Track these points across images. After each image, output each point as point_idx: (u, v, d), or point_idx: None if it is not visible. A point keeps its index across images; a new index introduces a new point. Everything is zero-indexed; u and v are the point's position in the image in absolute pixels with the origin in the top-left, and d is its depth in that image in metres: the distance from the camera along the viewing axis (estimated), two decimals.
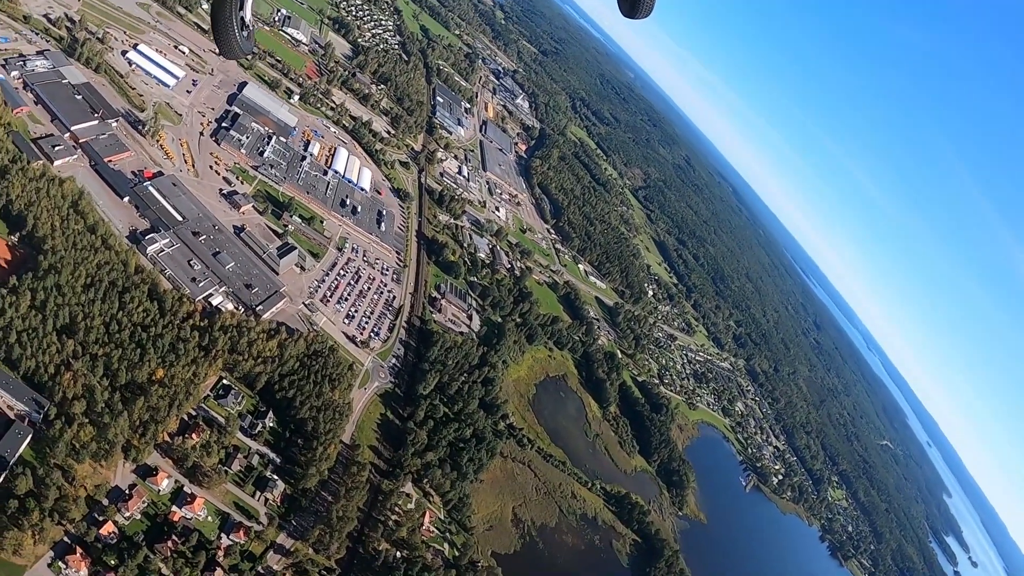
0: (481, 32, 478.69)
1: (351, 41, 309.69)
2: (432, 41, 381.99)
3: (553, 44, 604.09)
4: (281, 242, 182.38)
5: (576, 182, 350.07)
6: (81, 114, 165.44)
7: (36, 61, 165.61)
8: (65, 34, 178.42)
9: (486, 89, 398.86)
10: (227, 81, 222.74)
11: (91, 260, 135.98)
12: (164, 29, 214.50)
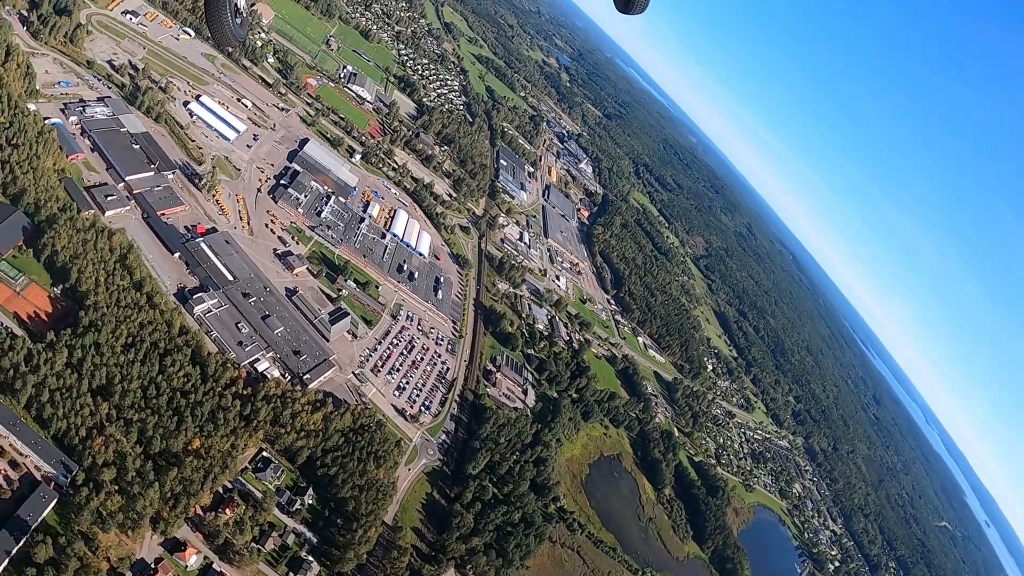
0: (546, 94, 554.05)
1: (416, 100, 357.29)
2: (497, 102, 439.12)
3: (617, 107, 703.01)
4: (334, 307, 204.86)
5: (638, 251, 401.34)
6: (137, 164, 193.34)
7: (96, 108, 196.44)
8: (127, 82, 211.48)
9: (550, 153, 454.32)
10: (288, 137, 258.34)
11: (134, 319, 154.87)
12: (228, 81, 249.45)
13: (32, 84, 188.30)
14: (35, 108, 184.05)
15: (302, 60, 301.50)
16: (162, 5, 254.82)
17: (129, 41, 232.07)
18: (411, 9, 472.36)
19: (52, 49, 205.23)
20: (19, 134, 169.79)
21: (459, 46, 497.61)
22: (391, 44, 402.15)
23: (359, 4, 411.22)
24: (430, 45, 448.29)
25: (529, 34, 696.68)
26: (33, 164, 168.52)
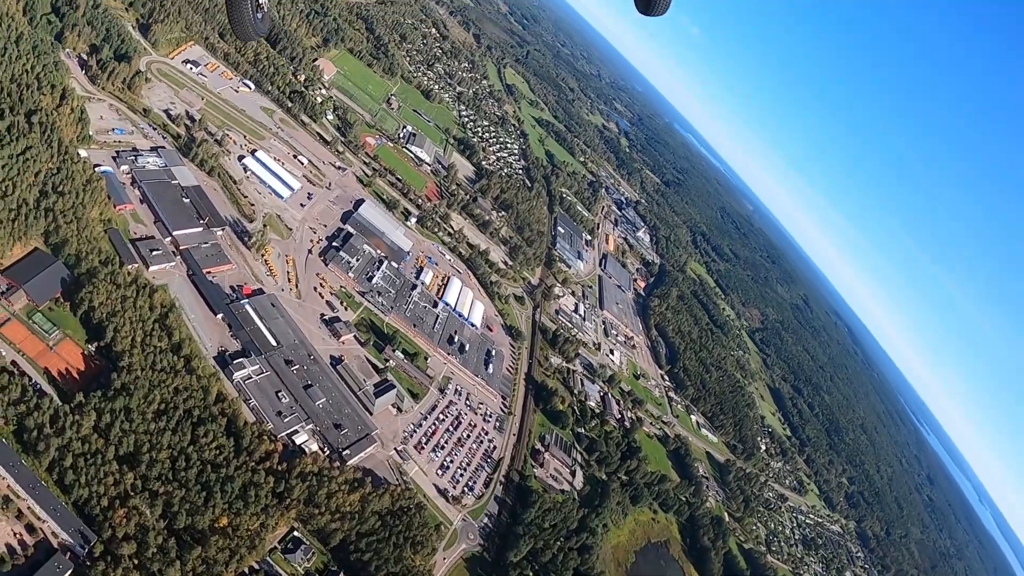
0: (605, 160, 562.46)
1: (475, 163, 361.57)
2: (557, 168, 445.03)
3: (676, 174, 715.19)
4: (380, 379, 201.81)
5: (694, 324, 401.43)
6: (186, 219, 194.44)
7: (148, 157, 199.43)
8: (183, 132, 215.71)
9: (608, 220, 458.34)
10: (344, 197, 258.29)
11: (169, 384, 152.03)
12: (285, 137, 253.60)
13: (85, 130, 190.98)
14: (86, 155, 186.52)
15: (362, 118, 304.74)
16: (223, 56, 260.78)
17: (188, 91, 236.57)
18: (474, 70, 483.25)
19: (109, 95, 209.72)
20: (66, 181, 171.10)
21: (520, 108, 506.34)
22: (452, 105, 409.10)
23: (422, 63, 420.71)
24: (491, 107, 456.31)
25: (589, 98, 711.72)
26: (78, 213, 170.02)
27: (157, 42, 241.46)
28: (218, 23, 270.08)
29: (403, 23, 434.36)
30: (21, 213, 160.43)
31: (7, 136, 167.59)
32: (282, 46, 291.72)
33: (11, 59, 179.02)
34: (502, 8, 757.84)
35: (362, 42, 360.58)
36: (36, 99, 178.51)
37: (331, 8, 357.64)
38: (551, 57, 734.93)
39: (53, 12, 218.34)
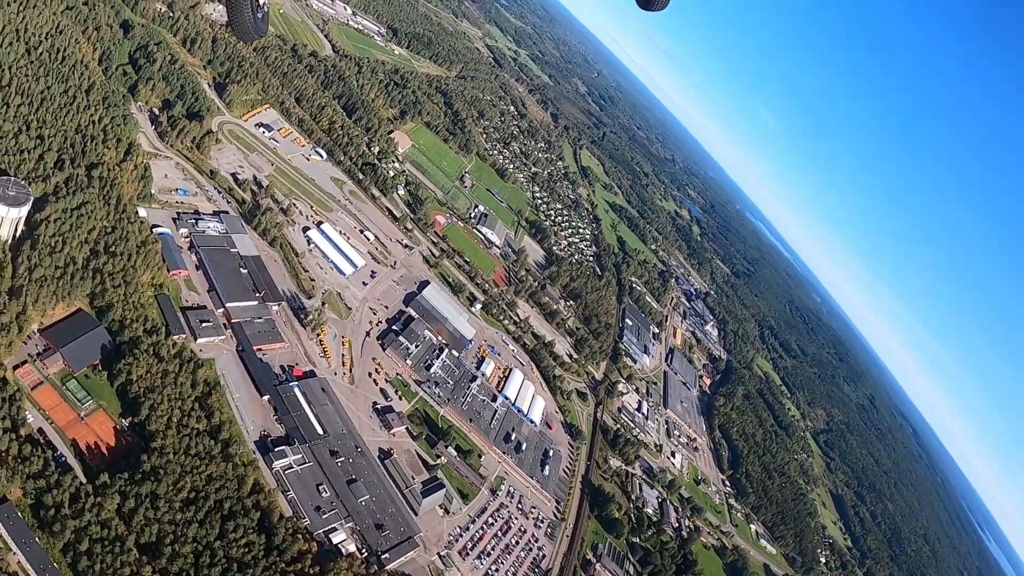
0: (676, 248, 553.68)
1: (546, 248, 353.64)
2: (628, 255, 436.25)
3: (746, 264, 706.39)
4: (429, 476, 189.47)
5: (758, 425, 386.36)
6: (241, 290, 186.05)
7: (210, 222, 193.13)
8: (248, 198, 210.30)
9: (676, 312, 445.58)
10: (408, 277, 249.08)
11: (202, 471, 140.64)
12: (353, 210, 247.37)
13: (147, 188, 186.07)
14: (145, 214, 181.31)
15: (433, 195, 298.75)
16: (298, 122, 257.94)
17: (258, 155, 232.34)
18: (550, 150, 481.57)
19: (177, 153, 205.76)
20: (120, 241, 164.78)
21: (594, 192, 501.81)
22: (526, 186, 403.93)
23: (498, 141, 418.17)
24: (565, 189, 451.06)
25: (663, 183, 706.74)
26: (128, 276, 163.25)
27: (232, 103, 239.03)
28: (295, 87, 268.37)
29: (482, 99, 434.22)
30: (68, 272, 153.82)
31: (64, 189, 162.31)
32: (358, 116, 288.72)
33: (79, 108, 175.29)
34: (580, 88, 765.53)
35: (439, 116, 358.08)
36: (100, 152, 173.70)
37: (411, 80, 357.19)
38: (627, 140, 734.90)
39: (130, 63, 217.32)
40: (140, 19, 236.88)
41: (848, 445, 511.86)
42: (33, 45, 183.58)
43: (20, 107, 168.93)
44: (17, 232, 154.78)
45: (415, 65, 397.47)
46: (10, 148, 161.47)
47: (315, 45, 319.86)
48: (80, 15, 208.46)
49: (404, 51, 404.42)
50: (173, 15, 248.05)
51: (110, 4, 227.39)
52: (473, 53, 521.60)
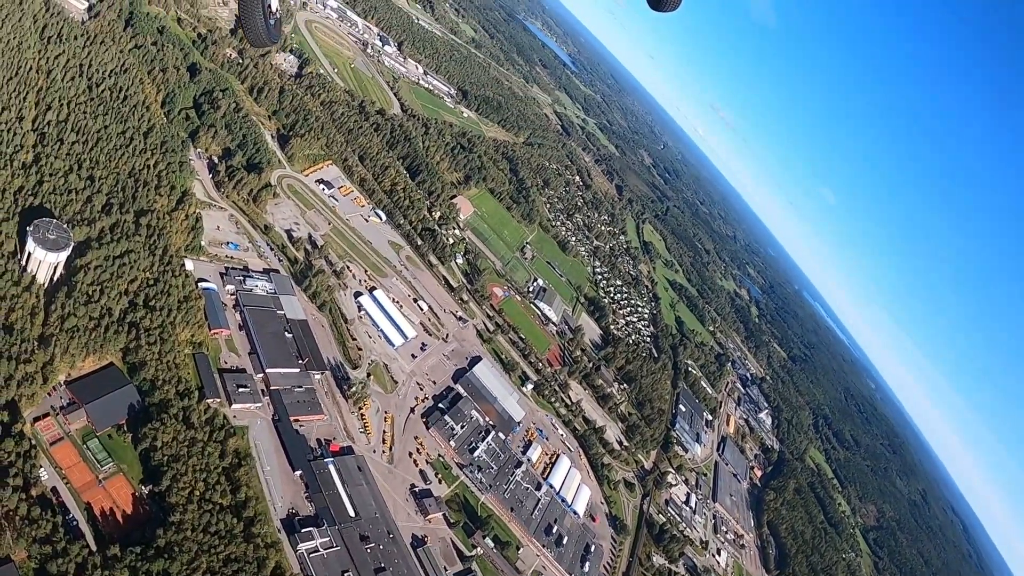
0: (734, 330, 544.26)
1: (603, 327, 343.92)
2: (685, 337, 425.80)
3: (803, 349, 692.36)
4: (463, 568, 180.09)
5: (808, 522, 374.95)
6: (284, 356, 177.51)
7: (258, 280, 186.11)
8: (301, 257, 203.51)
9: (731, 398, 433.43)
10: (460, 352, 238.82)
11: (220, 551, 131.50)
12: (408, 277, 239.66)
13: (197, 239, 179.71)
14: (191, 267, 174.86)
15: (492, 266, 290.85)
16: (360, 181, 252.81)
17: (315, 213, 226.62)
18: (612, 223, 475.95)
19: (232, 205, 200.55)
20: (162, 295, 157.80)
21: (655, 269, 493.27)
22: (587, 260, 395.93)
23: (561, 212, 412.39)
24: (626, 265, 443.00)
25: (724, 261, 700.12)
26: (166, 333, 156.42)
27: (293, 157, 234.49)
28: (360, 145, 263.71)
29: (548, 168, 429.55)
30: (103, 324, 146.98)
31: (108, 235, 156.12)
32: (422, 178, 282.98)
33: (135, 151, 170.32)
34: (646, 160, 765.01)
35: (504, 184, 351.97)
36: (151, 199, 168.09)
37: (478, 144, 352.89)
38: (690, 215, 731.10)
39: (194, 108, 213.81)
40: (209, 63, 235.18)
41: (898, 543, 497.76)
42: (96, 82, 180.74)
43: (74, 144, 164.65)
44: (55, 276, 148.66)
45: (483, 129, 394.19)
46: (58, 187, 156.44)
47: (383, 103, 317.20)
48: (147, 55, 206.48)
49: (473, 114, 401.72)
50: (242, 62, 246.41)
51: (179, 46, 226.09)
52: (542, 120, 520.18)
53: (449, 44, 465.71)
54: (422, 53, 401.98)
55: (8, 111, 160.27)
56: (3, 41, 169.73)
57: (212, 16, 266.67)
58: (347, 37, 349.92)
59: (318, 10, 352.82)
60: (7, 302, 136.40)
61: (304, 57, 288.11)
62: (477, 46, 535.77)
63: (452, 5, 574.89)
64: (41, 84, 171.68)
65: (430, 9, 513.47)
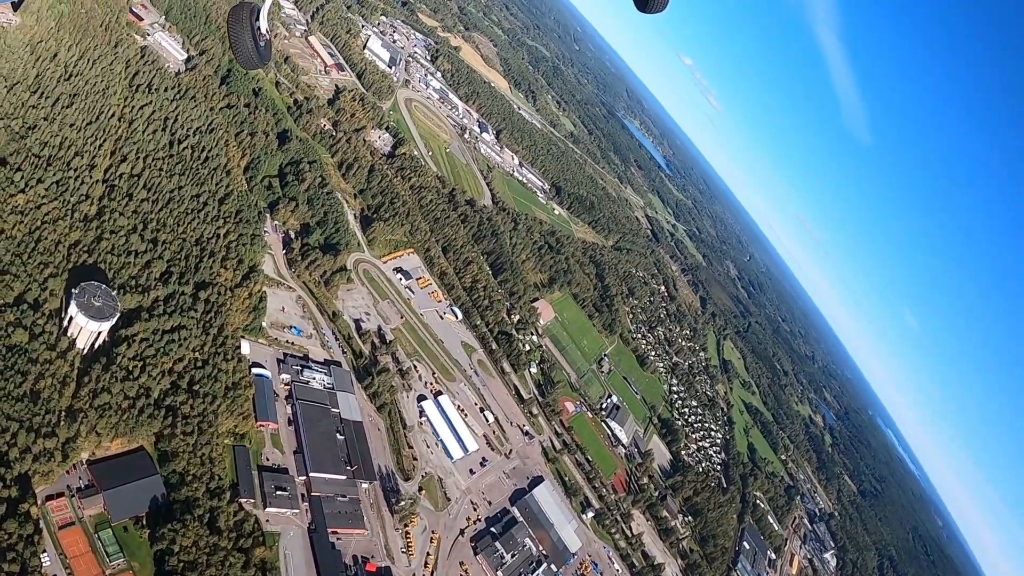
0: (806, 460, 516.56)
1: (674, 452, 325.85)
2: (756, 466, 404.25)
3: (874, 482, 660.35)
4: None
5: None
6: (332, 460, 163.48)
7: (317, 373, 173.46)
8: (367, 351, 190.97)
9: (797, 535, 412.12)
10: (521, 470, 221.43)
11: None
12: (477, 383, 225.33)
13: (258, 320, 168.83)
14: (247, 351, 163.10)
15: (567, 378, 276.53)
16: (439, 274, 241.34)
17: (389, 304, 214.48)
18: (694, 339, 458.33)
19: (301, 286, 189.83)
20: (209, 379, 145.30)
21: (731, 390, 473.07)
22: (665, 377, 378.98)
23: (643, 323, 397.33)
24: (703, 384, 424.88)
25: (801, 384, 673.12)
26: (206, 422, 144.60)
27: (374, 241, 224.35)
28: (445, 236, 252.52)
29: (634, 275, 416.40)
30: (138, 404, 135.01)
31: (161, 306, 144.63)
32: (504, 277, 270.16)
33: (206, 218, 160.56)
34: (731, 271, 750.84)
35: (589, 289, 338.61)
36: (215, 271, 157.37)
37: (566, 245, 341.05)
38: (771, 332, 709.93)
39: (278, 176, 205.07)
40: (300, 132, 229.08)
41: None
42: (179, 138, 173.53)
43: (143, 202, 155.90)
44: (96, 343, 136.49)
45: (573, 229, 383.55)
46: (117, 247, 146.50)
47: (475, 192, 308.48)
48: (238, 116, 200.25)
49: (564, 212, 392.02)
50: (335, 135, 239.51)
51: (272, 111, 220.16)
52: (632, 223, 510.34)
53: (547, 137, 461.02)
54: (519, 144, 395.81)
55: (80, 157, 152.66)
56: (89, 83, 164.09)
57: (312, 84, 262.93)
58: (446, 120, 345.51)
59: (420, 89, 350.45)
60: (38, 366, 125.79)
61: (400, 136, 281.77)
62: (575, 141, 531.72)
63: (554, 97, 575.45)
64: (121, 133, 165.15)
65: (532, 99, 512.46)
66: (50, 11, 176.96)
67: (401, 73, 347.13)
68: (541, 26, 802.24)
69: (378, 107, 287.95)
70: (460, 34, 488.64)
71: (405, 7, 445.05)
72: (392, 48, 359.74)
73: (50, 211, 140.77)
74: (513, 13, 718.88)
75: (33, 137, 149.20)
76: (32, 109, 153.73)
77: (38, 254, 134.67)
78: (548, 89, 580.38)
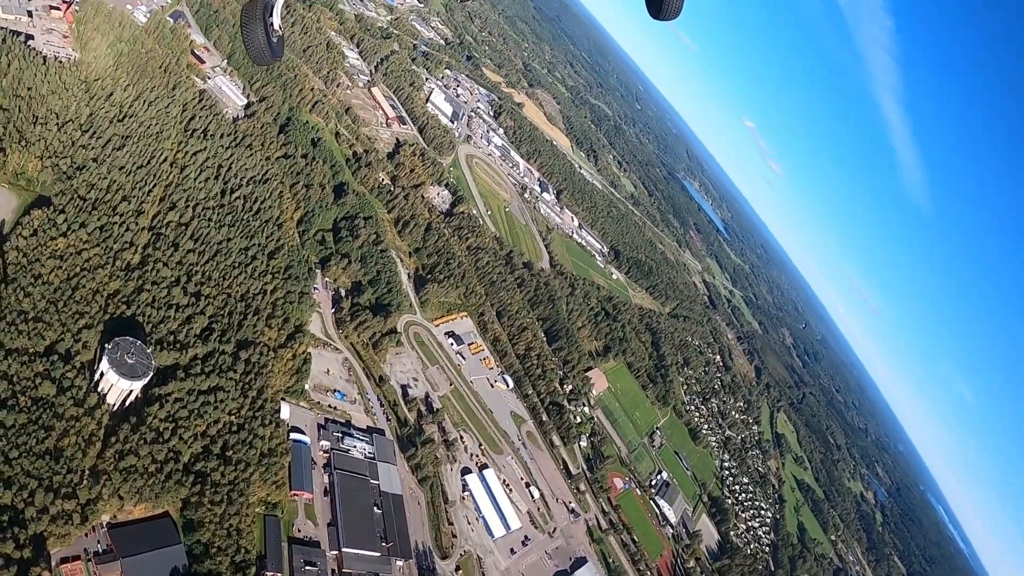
0: (856, 539, 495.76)
1: (722, 532, 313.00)
2: (806, 547, 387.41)
3: (923, 564, 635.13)
4: None
5: None
6: (367, 535, 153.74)
7: (357, 441, 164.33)
8: (412, 420, 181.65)
9: None
10: (564, 551, 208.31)
11: None
12: (525, 456, 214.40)
13: (301, 382, 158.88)
14: (287, 415, 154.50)
15: (617, 452, 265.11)
16: (493, 340, 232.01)
17: (438, 370, 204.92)
18: (748, 411, 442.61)
19: (349, 347, 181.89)
20: (244, 445, 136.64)
21: (783, 466, 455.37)
22: (716, 452, 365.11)
23: (698, 395, 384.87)
24: (755, 460, 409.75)
25: (853, 458, 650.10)
26: (236, 491, 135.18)
27: (427, 302, 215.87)
28: (500, 300, 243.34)
29: (690, 344, 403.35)
30: (166, 469, 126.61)
31: (199, 366, 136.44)
32: (559, 344, 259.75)
33: (253, 272, 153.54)
34: (787, 339, 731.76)
35: (644, 359, 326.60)
36: (259, 330, 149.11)
37: (623, 312, 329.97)
38: (825, 404, 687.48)
39: (332, 231, 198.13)
40: (358, 186, 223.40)
41: None
42: (232, 187, 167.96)
43: (189, 253, 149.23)
44: (127, 401, 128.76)
45: (630, 294, 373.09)
46: (158, 299, 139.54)
47: (532, 255, 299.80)
48: (294, 167, 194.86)
49: (622, 276, 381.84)
50: (393, 190, 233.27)
51: (330, 162, 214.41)
52: (690, 289, 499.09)
53: (608, 198, 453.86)
54: (579, 205, 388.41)
55: (127, 202, 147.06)
56: (143, 125, 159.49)
57: (373, 136, 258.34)
58: (506, 178, 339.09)
59: (482, 145, 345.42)
60: (63, 422, 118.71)
61: (459, 194, 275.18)
62: (635, 202, 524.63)
63: (615, 157, 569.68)
64: (172, 179, 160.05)
65: (593, 159, 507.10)
66: (110, 49, 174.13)
67: (463, 128, 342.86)
68: (604, 84, 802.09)
69: (438, 163, 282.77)
70: (524, 90, 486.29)
71: (470, 61, 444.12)
72: (455, 102, 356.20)
73: (91, 257, 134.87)
74: (577, 71, 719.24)
75: (80, 178, 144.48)
76: (82, 149, 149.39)
77: (74, 303, 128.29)
78: (610, 148, 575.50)
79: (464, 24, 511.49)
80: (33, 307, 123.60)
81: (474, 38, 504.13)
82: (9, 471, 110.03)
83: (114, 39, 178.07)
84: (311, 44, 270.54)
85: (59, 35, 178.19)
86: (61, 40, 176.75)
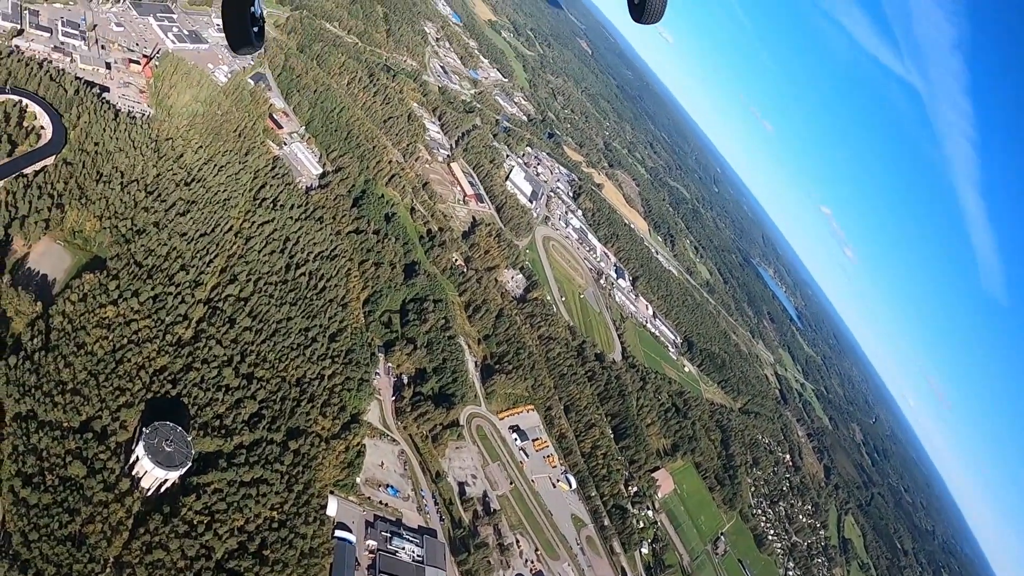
0: None
1: None
2: None
3: None
4: None
5: None
6: None
7: (407, 543, 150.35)
8: (467, 520, 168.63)
9: None
10: None
11: None
12: (583, 563, 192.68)
13: (353, 475, 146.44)
14: (334, 509, 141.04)
15: (679, 560, 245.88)
16: (559, 436, 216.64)
17: (499, 467, 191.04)
18: (815, 515, 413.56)
19: (407, 439, 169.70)
20: (283, 544, 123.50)
21: (848, 573, 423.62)
22: (781, 560, 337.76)
23: (765, 498, 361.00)
24: (820, 568, 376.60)
25: (920, 564, 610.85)
26: None
27: (493, 394, 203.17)
28: (569, 394, 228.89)
29: (760, 443, 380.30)
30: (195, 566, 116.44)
31: (244, 455, 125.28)
32: (626, 443, 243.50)
33: (312, 355, 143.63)
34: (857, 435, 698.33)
35: (712, 458, 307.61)
36: (312, 418, 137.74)
37: (693, 408, 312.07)
38: (892, 505, 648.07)
39: (399, 313, 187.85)
40: (430, 266, 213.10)
41: None
42: (297, 262, 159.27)
43: (245, 331, 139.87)
44: (163, 488, 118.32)
45: (701, 388, 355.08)
46: (207, 379, 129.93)
47: (605, 345, 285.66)
48: (365, 243, 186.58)
49: (695, 369, 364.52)
50: (466, 272, 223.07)
51: (402, 240, 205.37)
52: (762, 383, 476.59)
53: (683, 286, 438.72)
54: (655, 293, 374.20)
55: (186, 271, 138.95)
56: (211, 191, 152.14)
57: (449, 213, 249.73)
58: (583, 262, 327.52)
59: (559, 227, 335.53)
60: (90, 507, 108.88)
61: (534, 279, 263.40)
62: (710, 290, 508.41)
63: (692, 242, 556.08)
64: (235, 250, 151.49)
65: (670, 243, 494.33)
66: (185, 108, 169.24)
67: (542, 208, 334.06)
68: (683, 166, 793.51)
69: (514, 245, 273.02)
70: (604, 170, 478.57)
71: (552, 139, 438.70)
72: (535, 181, 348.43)
73: (140, 329, 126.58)
74: (656, 151, 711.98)
75: (139, 243, 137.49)
76: (144, 211, 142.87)
77: (116, 377, 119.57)
78: (687, 233, 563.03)
79: (547, 100, 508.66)
80: (73, 378, 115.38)
81: (556, 115, 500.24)
82: (27, 554, 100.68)
83: (191, 98, 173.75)
84: (393, 115, 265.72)
85: (135, 90, 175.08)
86: (137, 95, 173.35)
